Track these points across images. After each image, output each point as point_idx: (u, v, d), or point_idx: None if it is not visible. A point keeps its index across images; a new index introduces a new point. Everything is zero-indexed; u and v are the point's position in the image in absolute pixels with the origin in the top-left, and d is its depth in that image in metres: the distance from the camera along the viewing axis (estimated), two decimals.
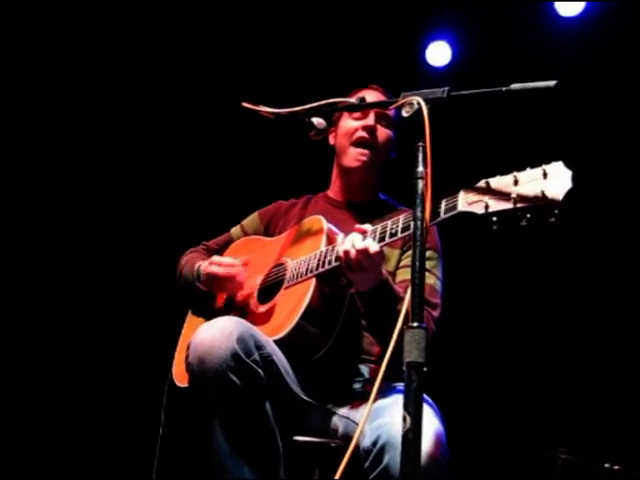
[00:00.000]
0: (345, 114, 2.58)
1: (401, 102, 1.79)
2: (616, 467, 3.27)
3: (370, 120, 2.51)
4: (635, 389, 3.84)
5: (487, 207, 1.73)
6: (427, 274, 2.22)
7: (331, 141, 2.63)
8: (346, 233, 2.26)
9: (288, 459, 2.04)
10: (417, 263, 1.60)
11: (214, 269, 2.40)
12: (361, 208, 2.56)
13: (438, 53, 4.36)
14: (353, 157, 2.51)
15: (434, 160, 1.68)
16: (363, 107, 2.28)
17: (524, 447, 3.79)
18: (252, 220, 2.68)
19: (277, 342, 2.14)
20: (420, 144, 1.70)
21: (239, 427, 1.96)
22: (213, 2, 4.14)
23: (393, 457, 1.85)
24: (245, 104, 2.15)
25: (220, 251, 2.65)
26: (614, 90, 4.03)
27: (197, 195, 4.24)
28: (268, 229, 2.62)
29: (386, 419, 1.94)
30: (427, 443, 1.83)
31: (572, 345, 4.05)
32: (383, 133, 2.54)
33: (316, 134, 2.36)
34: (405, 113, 1.77)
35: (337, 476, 1.70)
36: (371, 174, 2.56)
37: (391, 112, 2.54)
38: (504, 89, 1.75)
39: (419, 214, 1.64)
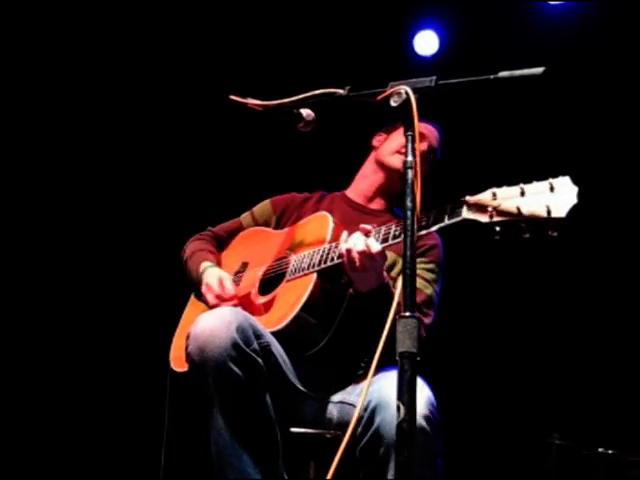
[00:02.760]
0: (401, 130, 2.54)
1: (389, 92, 1.79)
2: (610, 451, 3.29)
3: (423, 146, 2.50)
4: (627, 374, 3.86)
5: (491, 216, 1.75)
6: (426, 284, 2.33)
7: (375, 143, 2.64)
8: (344, 227, 2.28)
9: (284, 450, 2.05)
10: (408, 252, 1.60)
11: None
12: (376, 214, 2.56)
13: (426, 42, 4.36)
14: (398, 160, 2.47)
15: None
16: (351, 98, 2.27)
17: (519, 433, 3.81)
18: (264, 207, 2.66)
19: (276, 334, 2.15)
20: (409, 134, 1.70)
21: (239, 416, 1.96)
22: None
23: (384, 417, 1.87)
24: (232, 97, 2.13)
25: (227, 239, 2.65)
26: (603, 77, 4.03)
27: (203, 184, 4.22)
28: (281, 219, 2.60)
29: (375, 386, 1.94)
30: (418, 404, 1.83)
31: (565, 331, 4.07)
32: (426, 167, 2.47)
33: (304, 126, 2.35)
34: (393, 103, 1.77)
35: (334, 464, 1.70)
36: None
37: (439, 154, 2.59)
38: (492, 77, 1.75)
39: (409, 204, 1.64)
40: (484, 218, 1.76)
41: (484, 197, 1.79)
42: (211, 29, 4.19)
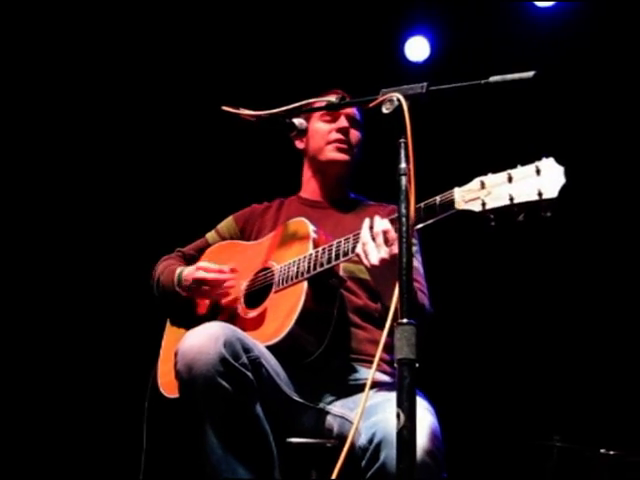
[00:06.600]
0: (313, 118, 2.58)
1: (381, 99, 1.79)
2: (612, 452, 3.29)
3: (344, 122, 2.54)
4: (628, 374, 3.86)
5: (484, 205, 1.77)
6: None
7: (299, 145, 2.63)
8: (323, 231, 2.30)
9: (284, 461, 2.04)
10: (404, 260, 1.60)
11: (201, 274, 2.37)
12: (335, 205, 2.58)
13: (417, 48, 4.37)
14: (332, 151, 2.52)
15: (419, 157, 1.68)
16: (343, 105, 2.27)
17: (519, 436, 3.80)
18: (227, 224, 2.66)
19: (271, 347, 2.13)
20: (402, 140, 1.69)
21: (231, 431, 1.95)
22: (187, 4, 4.12)
23: (389, 454, 1.85)
24: (225, 108, 2.13)
25: (196, 257, 2.63)
26: (593, 78, 4.05)
27: (168, 203, 4.19)
28: (244, 232, 2.61)
29: (380, 416, 1.94)
30: (422, 438, 1.83)
31: (565, 333, 4.07)
32: (355, 135, 2.57)
33: (297, 135, 2.37)
34: (385, 110, 1.76)
35: (334, 475, 1.70)
36: (346, 171, 2.58)
37: (357, 115, 2.58)
38: (483, 82, 1.76)
39: (404, 211, 1.63)
40: (477, 208, 1.78)
41: (473, 187, 1.81)
42: (201, 39, 4.19)
